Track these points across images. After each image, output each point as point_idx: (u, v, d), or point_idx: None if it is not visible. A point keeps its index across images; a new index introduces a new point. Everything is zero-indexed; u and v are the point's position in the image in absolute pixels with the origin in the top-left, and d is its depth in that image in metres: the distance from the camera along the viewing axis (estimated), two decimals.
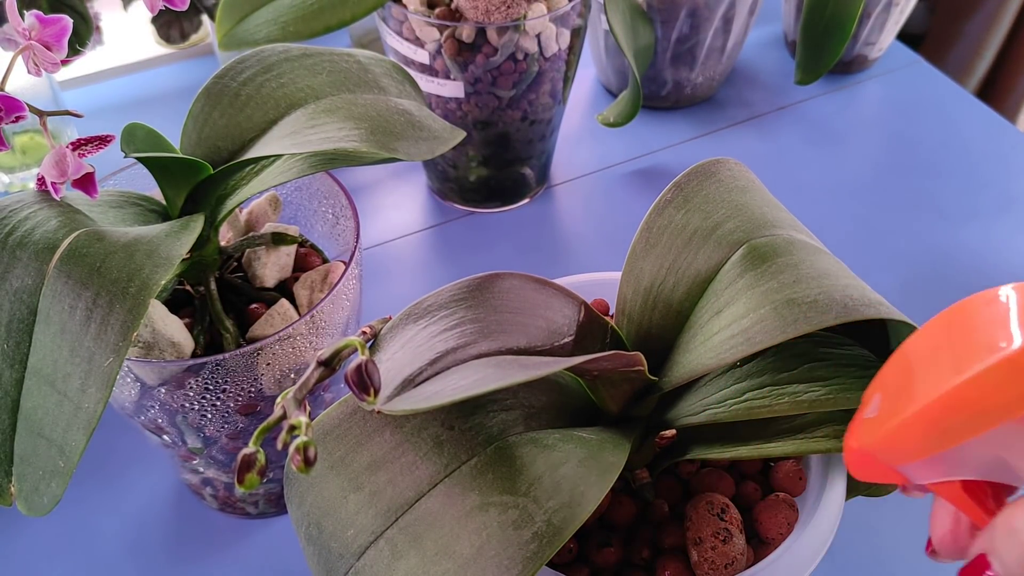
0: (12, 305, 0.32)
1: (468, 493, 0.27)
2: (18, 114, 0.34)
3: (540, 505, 0.26)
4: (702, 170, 0.37)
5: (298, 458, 0.24)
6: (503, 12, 0.57)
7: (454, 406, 0.30)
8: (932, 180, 0.75)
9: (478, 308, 0.31)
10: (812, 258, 0.33)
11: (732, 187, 0.37)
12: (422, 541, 0.27)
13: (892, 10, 0.79)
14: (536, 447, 0.29)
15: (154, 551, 0.50)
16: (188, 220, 0.37)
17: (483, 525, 0.26)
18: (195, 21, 0.85)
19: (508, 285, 0.32)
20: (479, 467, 0.28)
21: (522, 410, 0.31)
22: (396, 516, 0.28)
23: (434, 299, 0.31)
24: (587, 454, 0.29)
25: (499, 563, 0.25)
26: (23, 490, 0.32)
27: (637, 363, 0.30)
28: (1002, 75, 1.21)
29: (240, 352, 0.38)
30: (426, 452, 0.29)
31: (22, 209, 0.34)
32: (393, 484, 0.29)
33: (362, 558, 0.28)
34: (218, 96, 0.41)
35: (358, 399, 0.25)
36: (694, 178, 0.36)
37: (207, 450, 0.44)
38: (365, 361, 0.25)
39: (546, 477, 0.27)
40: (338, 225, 0.47)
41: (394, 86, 0.44)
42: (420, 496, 0.28)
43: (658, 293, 0.34)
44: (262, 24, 0.54)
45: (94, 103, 0.82)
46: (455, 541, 0.26)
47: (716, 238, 0.34)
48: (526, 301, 0.32)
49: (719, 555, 0.33)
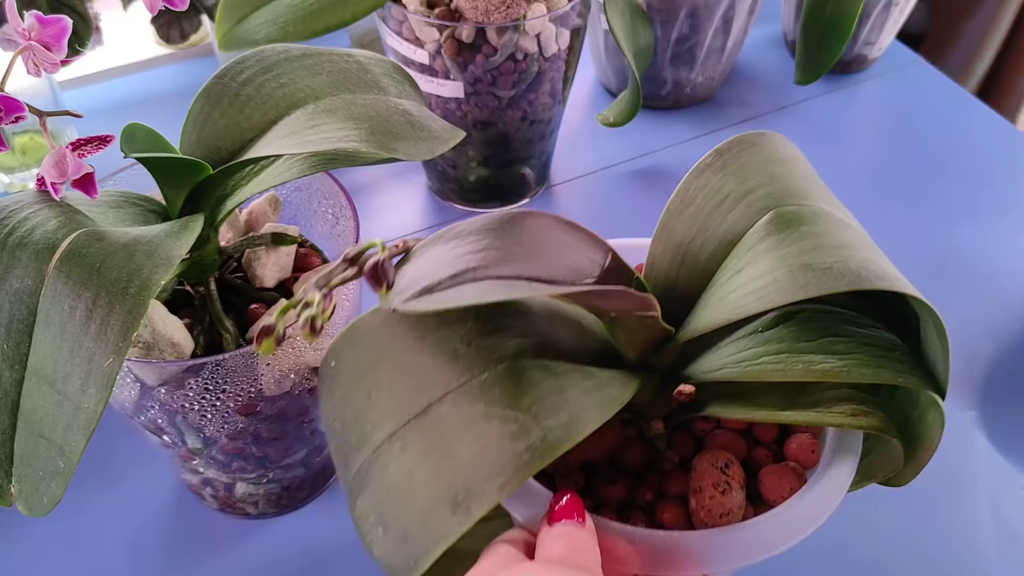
0: (12, 306, 0.32)
1: (475, 403, 0.29)
2: (18, 114, 0.34)
3: (539, 422, 0.28)
4: (745, 140, 0.38)
5: (305, 328, 0.27)
6: (503, 12, 0.57)
7: (475, 326, 0.32)
8: (932, 180, 0.75)
9: (505, 238, 0.32)
10: (836, 230, 0.34)
11: (771, 158, 0.37)
12: (429, 442, 0.29)
13: (892, 10, 0.79)
14: (545, 372, 0.31)
15: (154, 551, 0.50)
16: (188, 220, 0.37)
17: (483, 433, 0.28)
18: (195, 21, 0.85)
19: (538, 223, 0.33)
20: (488, 381, 0.30)
21: (540, 339, 0.33)
22: (409, 418, 0.30)
23: (466, 226, 0.32)
24: (593, 386, 0.30)
25: (492, 468, 0.28)
26: (23, 491, 0.32)
27: (650, 306, 0.31)
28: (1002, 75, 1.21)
29: (240, 352, 0.38)
30: (443, 363, 0.31)
31: (22, 209, 0.34)
32: (411, 389, 0.31)
33: (376, 452, 0.30)
34: (218, 96, 0.41)
35: (373, 290, 0.29)
36: (735, 146, 0.37)
37: (207, 450, 0.44)
38: (382, 259, 0.29)
39: (549, 399, 0.29)
40: (338, 225, 0.47)
41: (394, 86, 0.44)
42: (432, 402, 0.30)
43: (687, 250, 0.36)
44: (262, 24, 0.54)
45: (94, 103, 0.82)
46: (457, 445, 0.28)
47: (747, 203, 0.35)
48: (554, 239, 0.33)
49: (716, 504, 0.34)
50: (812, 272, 0.30)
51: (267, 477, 0.48)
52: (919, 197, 0.73)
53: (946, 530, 0.52)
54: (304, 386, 0.42)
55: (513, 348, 0.32)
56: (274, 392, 0.41)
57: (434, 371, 0.31)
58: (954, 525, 0.52)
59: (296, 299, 0.28)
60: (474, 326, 0.32)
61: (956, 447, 0.56)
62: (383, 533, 0.29)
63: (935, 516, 0.52)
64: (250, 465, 0.46)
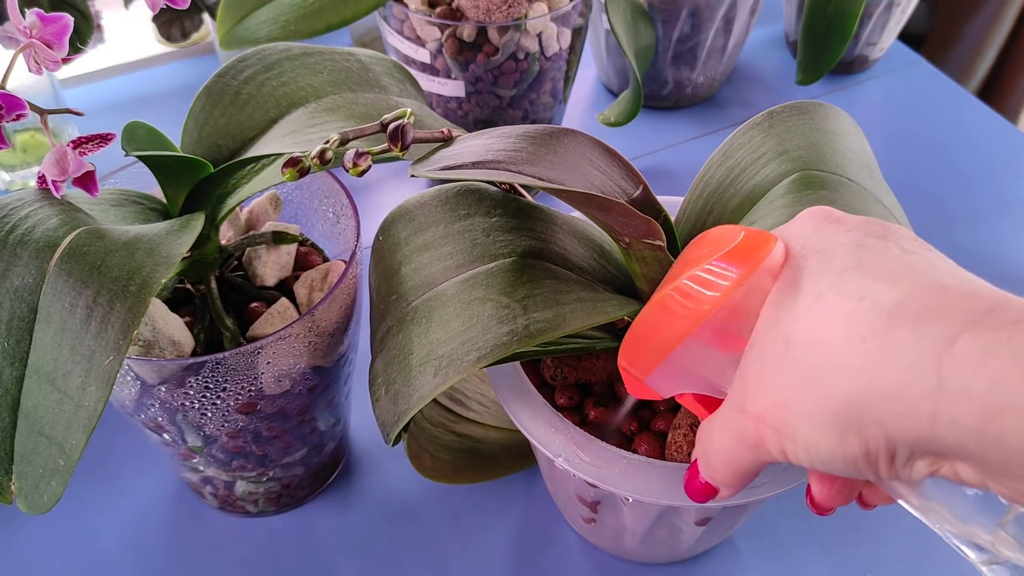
0: (13, 303, 0.32)
1: (477, 287, 0.33)
2: (19, 112, 0.34)
3: (527, 313, 0.31)
4: (799, 106, 0.38)
5: (316, 159, 0.31)
6: (504, 11, 0.57)
7: (498, 222, 0.35)
8: (933, 180, 0.75)
9: (540, 146, 0.33)
10: (855, 200, 0.35)
11: (818, 127, 0.38)
12: (432, 313, 0.33)
13: (893, 10, 0.78)
14: (548, 274, 0.33)
15: (154, 549, 0.50)
16: (189, 219, 0.37)
17: (477, 314, 0.32)
18: (196, 20, 0.85)
19: (577, 141, 0.34)
20: (494, 271, 0.33)
21: (556, 248, 0.35)
22: (424, 292, 0.34)
23: (509, 129, 0.34)
24: (590, 297, 0.33)
25: (474, 344, 0.31)
26: (23, 488, 0.32)
27: (654, 233, 0.31)
28: (1003, 76, 1.21)
29: (240, 351, 0.38)
30: (462, 248, 0.35)
31: (23, 207, 0.34)
32: (430, 266, 0.35)
33: (394, 320, 0.35)
34: (219, 95, 0.41)
35: (391, 148, 0.32)
36: (788, 111, 0.38)
37: (207, 448, 0.44)
38: (404, 123, 0.32)
39: (543, 296, 0.32)
40: (339, 224, 0.47)
41: (395, 85, 0.44)
42: (444, 281, 0.34)
43: (717, 200, 0.37)
44: (263, 23, 0.54)
45: (95, 101, 0.82)
46: (453, 320, 0.32)
47: (779, 161, 0.36)
48: (586, 159, 0.34)
49: (688, 443, 0.35)
50: None
51: (267, 475, 0.48)
52: (919, 197, 0.73)
53: None
54: (304, 385, 0.43)
55: (525, 247, 0.34)
56: (274, 391, 0.41)
57: (453, 254, 0.34)
58: None
59: (320, 149, 0.31)
60: (497, 222, 0.35)
61: None
62: (384, 393, 0.33)
63: None
64: (250, 463, 0.46)
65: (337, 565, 0.50)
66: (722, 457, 0.28)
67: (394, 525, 0.51)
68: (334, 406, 0.48)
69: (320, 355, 0.42)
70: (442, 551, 0.50)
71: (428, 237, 0.36)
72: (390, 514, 0.52)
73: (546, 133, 0.34)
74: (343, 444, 0.53)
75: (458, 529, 0.51)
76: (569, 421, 0.36)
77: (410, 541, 0.50)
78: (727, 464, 0.28)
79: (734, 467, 0.28)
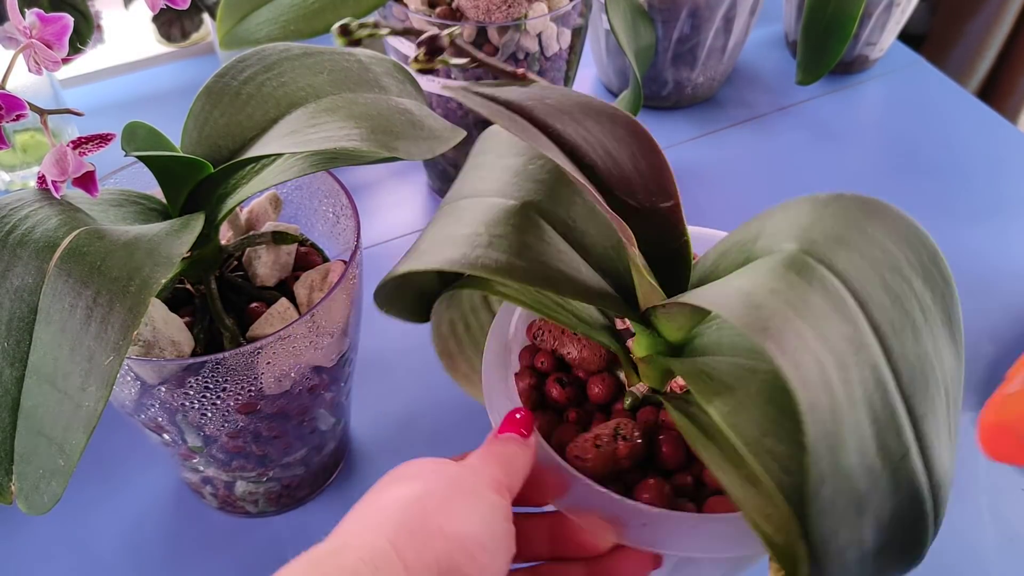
0: (12, 303, 0.32)
1: (488, 211, 0.37)
2: (19, 112, 0.34)
3: (488, 247, 0.34)
4: (869, 205, 0.32)
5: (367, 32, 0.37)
6: (504, 11, 0.57)
7: (535, 172, 0.38)
8: (933, 180, 0.75)
9: (585, 119, 0.34)
10: (820, 303, 0.32)
11: (863, 222, 0.32)
12: (442, 218, 0.38)
13: (893, 10, 0.78)
14: (540, 235, 0.36)
15: (153, 550, 0.50)
16: (188, 219, 0.37)
17: (460, 231, 0.36)
18: (196, 20, 0.85)
19: (624, 121, 0.34)
20: (504, 206, 0.37)
21: (569, 219, 0.37)
22: (453, 198, 0.39)
23: (565, 89, 0.36)
24: (569, 268, 0.35)
25: (443, 250, 0.35)
26: (23, 488, 0.32)
27: (626, 233, 0.32)
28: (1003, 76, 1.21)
29: (240, 351, 0.38)
30: (498, 178, 0.39)
31: (23, 207, 0.34)
32: (466, 181, 0.40)
33: (439, 213, 0.39)
34: (219, 95, 0.41)
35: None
36: (850, 201, 0.33)
37: (207, 449, 0.44)
38: (439, 35, 0.35)
39: (511, 242, 0.35)
40: (339, 224, 0.47)
41: (395, 85, 0.44)
42: (474, 195, 0.38)
43: (736, 249, 0.36)
44: (263, 23, 0.54)
45: (95, 101, 0.82)
46: (447, 227, 0.37)
47: (795, 238, 0.32)
48: (625, 143, 0.34)
49: (582, 442, 0.36)
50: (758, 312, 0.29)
51: (267, 475, 0.48)
52: (920, 197, 0.73)
53: (946, 530, 0.52)
54: (304, 385, 0.43)
55: (539, 202, 0.37)
56: (274, 391, 0.41)
57: (491, 180, 0.38)
58: (954, 525, 0.52)
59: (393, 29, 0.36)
60: (534, 171, 0.38)
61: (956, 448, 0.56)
62: (411, 257, 0.37)
63: None
64: (250, 463, 0.46)
65: None
66: None
67: None
68: (334, 406, 0.48)
69: (320, 355, 0.42)
70: None
71: (488, 159, 0.40)
72: None
73: (598, 103, 0.35)
74: (343, 444, 0.53)
75: None
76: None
77: None
78: None
79: None
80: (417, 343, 0.62)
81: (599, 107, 0.34)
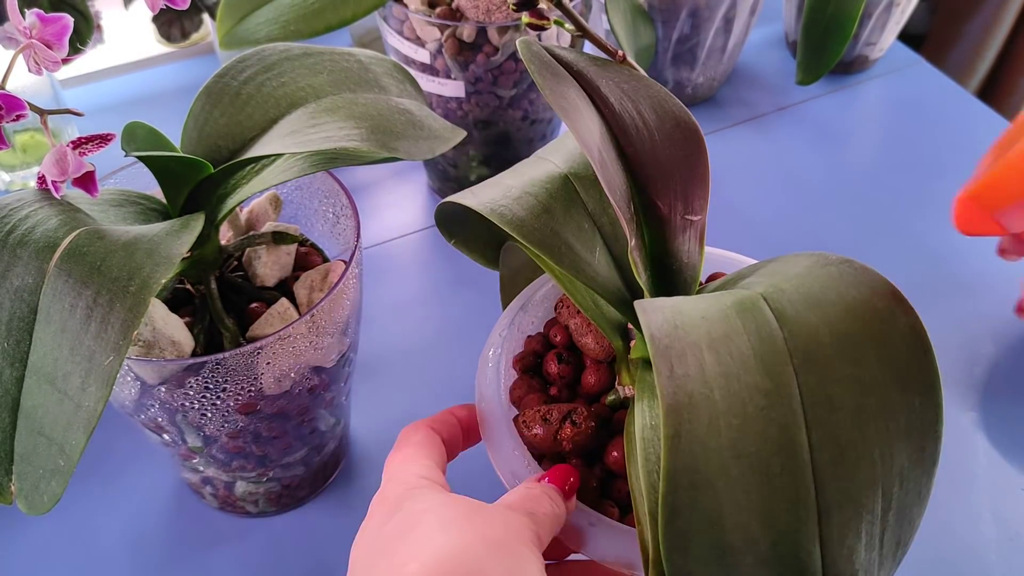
0: (12, 303, 0.32)
1: (534, 170, 0.39)
2: (19, 112, 0.33)
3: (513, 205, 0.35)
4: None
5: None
6: (504, 12, 0.57)
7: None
8: (933, 180, 0.75)
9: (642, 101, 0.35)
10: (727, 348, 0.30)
11: (829, 284, 0.30)
12: (513, 176, 0.38)
13: (893, 10, 0.78)
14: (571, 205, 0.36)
15: (154, 550, 0.50)
16: (188, 219, 0.37)
17: (512, 183, 0.37)
18: (196, 20, 0.85)
19: (687, 124, 0.35)
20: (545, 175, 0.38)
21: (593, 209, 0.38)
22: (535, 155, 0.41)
23: (643, 76, 0.36)
24: (578, 251, 0.35)
25: (492, 193, 0.36)
26: (23, 489, 0.32)
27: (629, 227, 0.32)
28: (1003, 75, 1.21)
29: (240, 351, 0.38)
30: (559, 150, 0.40)
31: (23, 207, 0.34)
32: (556, 145, 0.41)
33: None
34: (219, 95, 0.41)
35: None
36: (841, 264, 0.30)
37: (207, 449, 0.44)
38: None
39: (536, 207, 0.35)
40: (338, 224, 0.47)
41: (395, 85, 0.44)
42: (541, 156, 0.40)
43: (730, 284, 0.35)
44: (263, 23, 0.54)
45: (95, 102, 0.82)
46: (504, 180, 0.38)
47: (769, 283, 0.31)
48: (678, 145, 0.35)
49: (534, 412, 0.36)
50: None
51: (267, 476, 0.48)
52: (920, 197, 0.73)
53: (946, 530, 0.52)
54: (304, 385, 0.42)
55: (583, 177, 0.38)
56: (274, 391, 0.41)
57: (562, 149, 0.40)
58: (954, 525, 0.52)
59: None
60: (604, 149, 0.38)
61: (956, 448, 0.56)
62: (462, 193, 0.37)
63: (935, 516, 0.52)
64: (250, 463, 0.46)
65: (337, 565, 0.50)
66: None
67: None
68: (334, 406, 0.48)
69: (320, 355, 0.42)
70: None
71: (577, 127, 0.41)
72: None
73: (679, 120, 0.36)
74: (343, 444, 0.53)
75: None
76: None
77: None
78: None
79: None
80: (417, 343, 0.62)
81: (664, 97, 0.35)
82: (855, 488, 0.26)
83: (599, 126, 0.34)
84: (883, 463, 0.26)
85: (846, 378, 0.26)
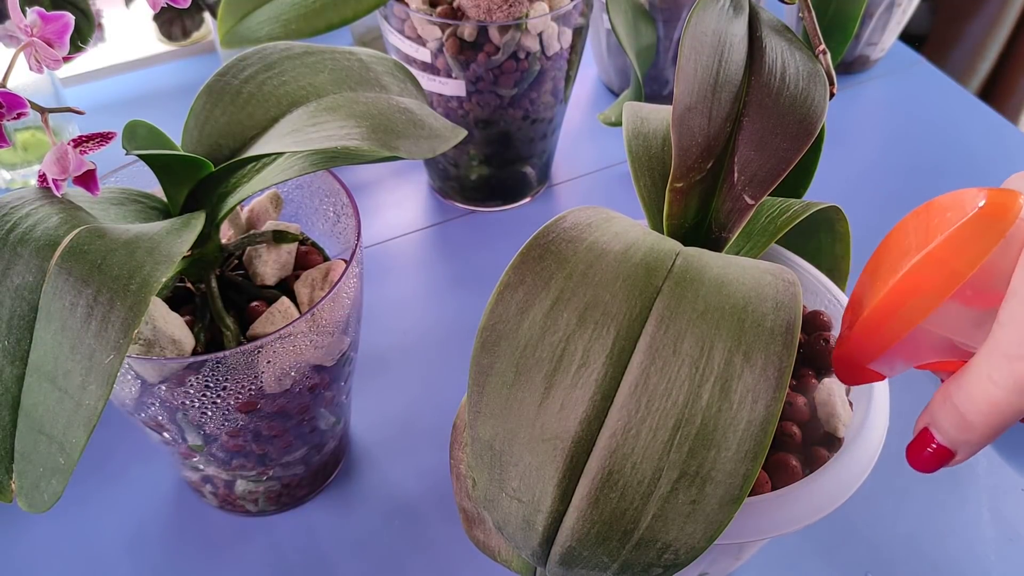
0: (13, 302, 0.32)
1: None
2: (20, 111, 0.34)
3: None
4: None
5: None
6: (505, 11, 0.57)
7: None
8: (934, 181, 0.75)
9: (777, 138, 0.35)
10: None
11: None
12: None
13: (894, 11, 0.78)
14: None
15: (153, 548, 0.50)
16: (189, 218, 0.37)
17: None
18: (197, 19, 0.85)
19: (805, 124, 0.35)
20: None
21: None
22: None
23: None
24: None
25: None
26: (23, 487, 0.32)
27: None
28: (1004, 76, 1.21)
29: (241, 350, 0.38)
30: None
31: (23, 206, 0.34)
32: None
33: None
34: (220, 94, 0.41)
35: None
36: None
37: (207, 447, 0.44)
38: None
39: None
40: (339, 223, 0.47)
41: (396, 84, 0.44)
42: None
43: None
44: (264, 22, 0.54)
45: (96, 100, 0.82)
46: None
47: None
48: (791, 135, 0.34)
49: None
50: None
51: (267, 474, 0.48)
52: (920, 197, 0.73)
53: (946, 530, 0.52)
54: (304, 384, 0.43)
55: None
56: (274, 390, 0.41)
57: None
58: (954, 526, 0.52)
59: None
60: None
61: None
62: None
63: (935, 516, 0.52)
64: (250, 462, 0.46)
65: (337, 565, 0.50)
66: (987, 411, 0.28)
67: (394, 524, 0.51)
68: (334, 405, 0.48)
69: (320, 354, 0.42)
70: (442, 551, 0.50)
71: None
72: (390, 513, 0.52)
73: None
74: (343, 443, 0.53)
75: (458, 529, 0.51)
76: None
77: (410, 541, 0.50)
78: (991, 417, 0.28)
79: (999, 419, 0.28)
80: (417, 342, 0.62)
81: (809, 88, 0.35)
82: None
83: (743, 57, 0.33)
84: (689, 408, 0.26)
85: (692, 324, 0.27)
